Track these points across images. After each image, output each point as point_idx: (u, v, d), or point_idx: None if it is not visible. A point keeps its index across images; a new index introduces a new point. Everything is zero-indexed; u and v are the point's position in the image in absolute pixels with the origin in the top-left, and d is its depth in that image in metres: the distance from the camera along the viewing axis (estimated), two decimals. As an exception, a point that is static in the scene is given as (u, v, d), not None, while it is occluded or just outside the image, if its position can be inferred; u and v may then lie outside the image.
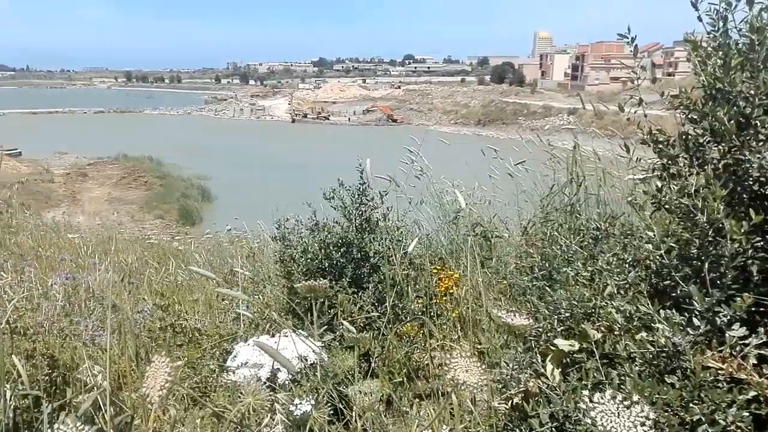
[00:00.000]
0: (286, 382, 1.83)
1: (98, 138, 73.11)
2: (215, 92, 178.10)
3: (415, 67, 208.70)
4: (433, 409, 2.04)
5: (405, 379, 2.34)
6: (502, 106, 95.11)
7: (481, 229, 3.67)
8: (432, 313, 2.73)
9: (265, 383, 1.72)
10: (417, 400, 2.24)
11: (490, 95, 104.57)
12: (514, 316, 1.46)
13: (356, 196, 2.75)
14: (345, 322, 1.73)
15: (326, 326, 2.10)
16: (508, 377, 1.58)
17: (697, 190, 1.45)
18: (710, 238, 1.44)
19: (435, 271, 3.03)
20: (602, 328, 1.51)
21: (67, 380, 2.57)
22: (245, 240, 10.20)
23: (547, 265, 2.16)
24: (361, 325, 2.44)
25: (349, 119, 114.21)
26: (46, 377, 2.56)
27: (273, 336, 1.73)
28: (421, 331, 2.63)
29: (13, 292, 3.55)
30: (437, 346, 2.55)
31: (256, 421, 1.52)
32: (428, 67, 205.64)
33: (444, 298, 2.92)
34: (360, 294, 2.56)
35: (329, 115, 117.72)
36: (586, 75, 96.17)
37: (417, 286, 2.82)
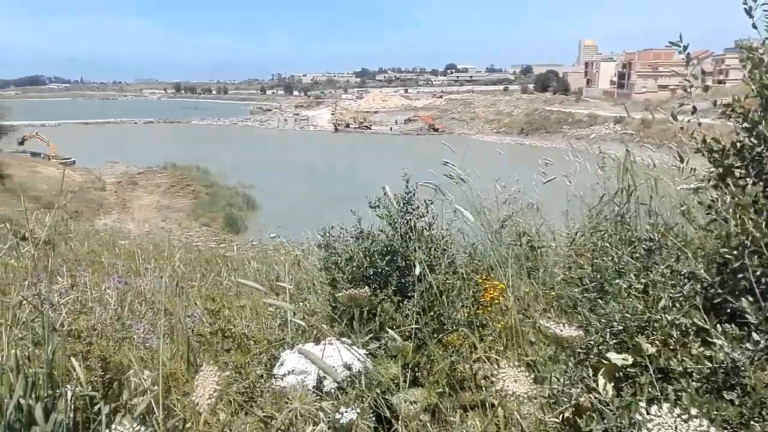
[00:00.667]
0: (332, 390, 1.84)
1: (148, 147, 75.49)
2: (260, 103, 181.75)
3: (458, 77, 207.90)
4: (479, 421, 2.02)
5: (449, 389, 2.32)
6: (546, 115, 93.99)
7: (527, 239, 3.62)
8: (477, 324, 2.71)
9: (311, 390, 1.74)
10: (462, 410, 2.22)
11: (533, 104, 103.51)
12: (563, 327, 1.44)
13: (401, 205, 2.75)
14: (391, 331, 1.74)
15: (371, 334, 2.10)
16: (559, 391, 1.55)
17: (755, 201, 1.41)
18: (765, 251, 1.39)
19: (480, 280, 3.00)
20: (656, 342, 1.47)
21: (120, 382, 2.65)
22: (289, 247, 10.32)
23: (598, 276, 2.12)
24: (406, 334, 2.43)
25: (390, 129, 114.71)
26: (100, 378, 2.65)
27: (318, 343, 1.75)
28: (466, 342, 2.61)
29: (68, 296, 3.68)
30: (482, 357, 2.53)
31: (302, 428, 1.54)
32: (470, 76, 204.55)
33: (489, 308, 2.90)
34: (405, 302, 2.56)
35: (371, 125, 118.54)
36: (633, 83, 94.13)
37: (462, 296, 2.80)
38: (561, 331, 1.42)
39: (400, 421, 1.80)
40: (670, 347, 1.45)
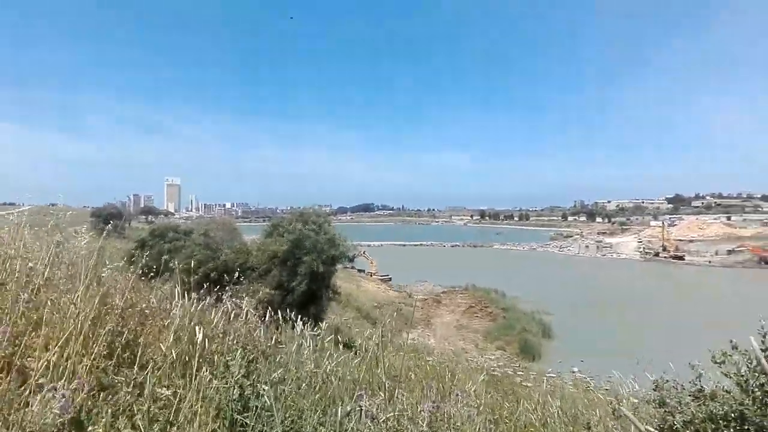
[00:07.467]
0: None
1: (452, 268, 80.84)
2: (560, 229, 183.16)
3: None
4: None
5: None
6: None
7: None
8: None
9: None
10: None
11: None
12: None
13: (755, 364, 2.32)
14: None
15: None
16: None
17: None
18: None
19: None
20: None
21: None
22: (589, 385, 9.63)
23: None
24: None
25: (709, 261, 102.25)
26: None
27: None
28: None
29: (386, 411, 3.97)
30: None
31: None
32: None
33: None
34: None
35: (684, 255, 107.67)
36: None
37: None
38: None
39: None
40: None
